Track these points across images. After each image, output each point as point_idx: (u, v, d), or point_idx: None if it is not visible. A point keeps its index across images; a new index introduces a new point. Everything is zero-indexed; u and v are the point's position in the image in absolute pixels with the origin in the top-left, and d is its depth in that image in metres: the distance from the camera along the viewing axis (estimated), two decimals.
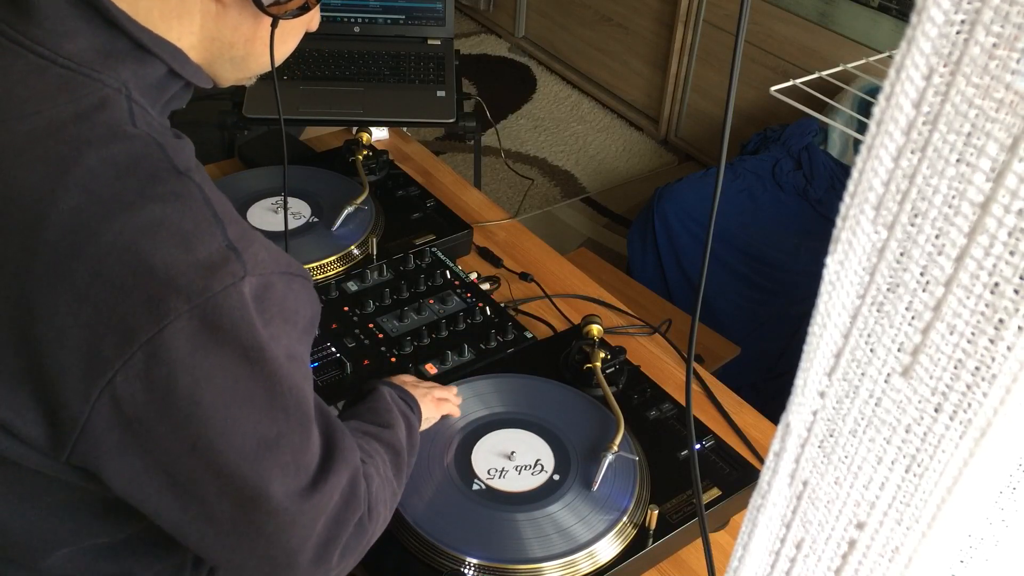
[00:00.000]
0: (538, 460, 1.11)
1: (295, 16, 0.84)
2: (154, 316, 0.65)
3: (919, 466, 0.35)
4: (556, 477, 1.09)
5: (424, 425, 1.07)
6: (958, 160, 0.31)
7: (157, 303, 0.65)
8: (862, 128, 2.22)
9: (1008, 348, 0.31)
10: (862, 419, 0.36)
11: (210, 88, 0.86)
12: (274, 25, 0.83)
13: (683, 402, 1.23)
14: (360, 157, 1.63)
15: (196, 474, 0.69)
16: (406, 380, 1.12)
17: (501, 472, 1.09)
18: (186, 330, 0.66)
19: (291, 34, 0.87)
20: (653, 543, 1.04)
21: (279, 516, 0.71)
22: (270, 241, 0.75)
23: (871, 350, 0.35)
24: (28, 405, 0.67)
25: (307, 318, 0.77)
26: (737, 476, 1.13)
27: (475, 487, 1.07)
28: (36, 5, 0.70)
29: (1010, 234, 0.30)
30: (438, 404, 1.11)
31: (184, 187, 0.69)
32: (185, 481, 0.70)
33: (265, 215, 1.49)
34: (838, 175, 2.54)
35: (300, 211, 1.51)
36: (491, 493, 1.07)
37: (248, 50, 0.83)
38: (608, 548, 1.02)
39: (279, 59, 0.87)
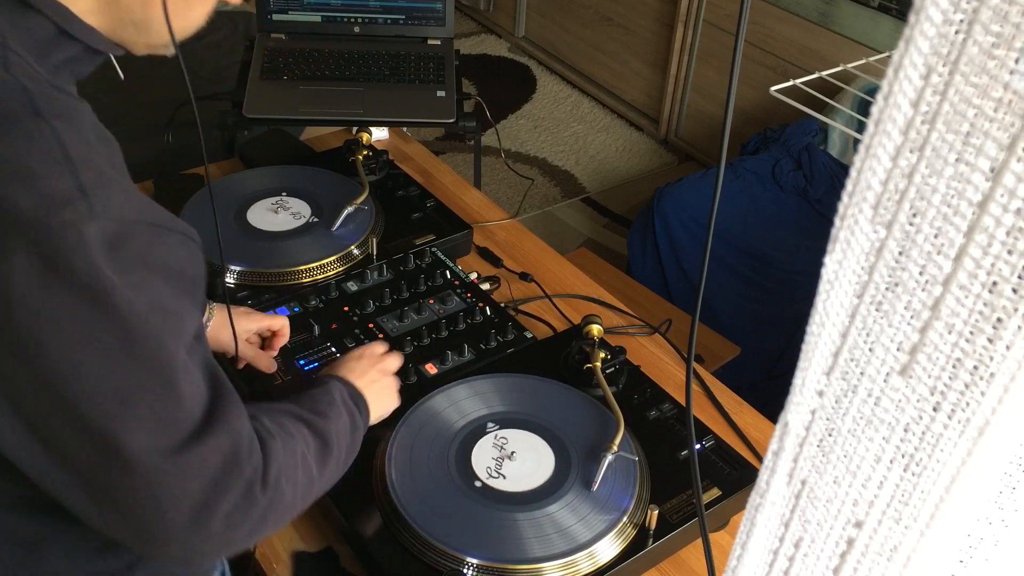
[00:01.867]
0: (538, 460, 1.11)
1: None
2: None
3: (917, 465, 0.35)
4: (556, 477, 1.09)
5: (375, 419, 1.05)
6: (956, 159, 0.31)
7: None
8: (862, 128, 2.21)
9: (1006, 347, 0.31)
10: (860, 418, 0.36)
11: (122, 55, 0.85)
12: None
13: (683, 402, 1.23)
14: (360, 157, 1.63)
15: (52, 418, 0.69)
16: (352, 365, 1.07)
17: (501, 472, 1.09)
18: (25, 266, 0.66)
19: (197, 1, 0.85)
20: (653, 543, 1.04)
21: (139, 471, 0.70)
22: (147, 197, 0.76)
23: (869, 349, 0.35)
24: None
25: (188, 276, 0.76)
26: (737, 476, 1.13)
27: (476, 486, 1.07)
28: None
29: (1008, 233, 0.30)
30: (388, 392, 1.09)
31: (37, 129, 0.71)
32: (44, 426, 0.70)
33: (265, 215, 1.49)
34: (838, 175, 2.54)
35: (300, 211, 1.51)
36: (491, 493, 1.07)
37: (147, 14, 0.81)
38: (608, 548, 1.02)
39: (187, 28, 0.85)
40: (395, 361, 1.11)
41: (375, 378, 1.06)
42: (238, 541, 0.78)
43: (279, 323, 1.24)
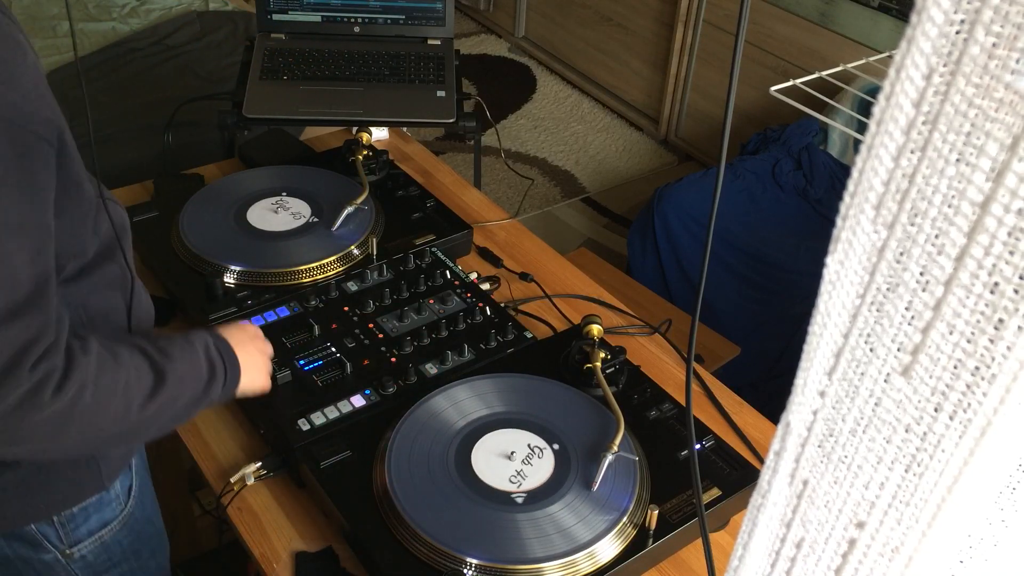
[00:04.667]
0: (538, 460, 1.11)
1: None
2: None
3: (919, 466, 0.35)
4: (556, 477, 1.09)
5: (247, 388, 1.08)
6: (958, 160, 0.31)
7: None
8: (862, 128, 2.22)
9: (1008, 348, 0.31)
10: (862, 419, 0.36)
11: None
12: None
13: (683, 402, 1.23)
14: (360, 157, 1.63)
15: None
16: (237, 333, 1.09)
17: (501, 472, 1.09)
18: None
19: None
20: (653, 543, 1.04)
21: None
22: (15, 91, 0.78)
23: (871, 350, 0.35)
24: None
25: (22, 167, 0.80)
26: (737, 476, 1.13)
27: (476, 487, 1.07)
28: None
29: (1010, 234, 0.30)
30: (261, 369, 1.11)
31: None
32: None
33: (265, 215, 1.49)
34: (838, 175, 2.54)
35: (300, 211, 1.51)
36: (491, 493, 1.07)
37: None
38: (608, 548, 1.02)
39: None
40: (270, 347, 1.15)
41: (252, 351, 1.09)
42: (23, 439, 0.83)
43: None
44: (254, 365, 1.09)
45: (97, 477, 1.03)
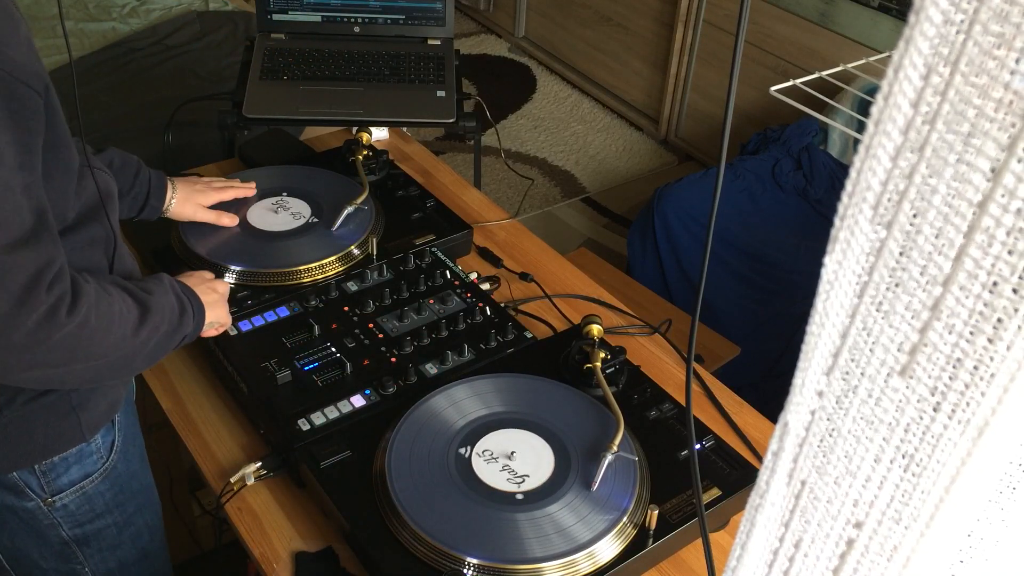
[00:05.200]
0: (538, 460, 1.11)
1: None
2: None
3: (917, 465, 0.35)
4: (556, 477, 1.09)
5: (213, 323, 1.17)
6: (956, 160, 0.31)
7: None
8: (862, 128, 2.21)
9: (1006, 347, 0.31)
10: (860, 418, 0.36)
11: None
12: None
13: (683, 402, 1.23)
14: (360, 157, 1.63)
15: None
16: (190, 279, 1.18)
17: (501, 472, 1.09)
18: None
19: None
20: (653, 543, 1.04)
21: None
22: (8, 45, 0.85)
23: (869, 349, 0.35)
24: None
25: (16, 117, 0.87)
26: (737, 476, 1.13)
27: (476, 487, 1.07)
28: None
29: (1008, 233, 0.30)
30: (219, 304, 1.19)
31: None
32: None
33: (265, 215, 1.49)
34: (838, 175, 2.54)
35: (300, 211, 1.51)
36: (491, 493, 1.07)
37: None
38: (608, 548, 1.02)
39: None
40: (223, 284, 1.23)
41: (207, 291, 1.17)
42: (39, 363, 0.89)
43: (231, 194, 1.46)
44: (213, 303, 1.17)
45: (76, 428, 1.08)
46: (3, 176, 0.84)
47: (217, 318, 1.18)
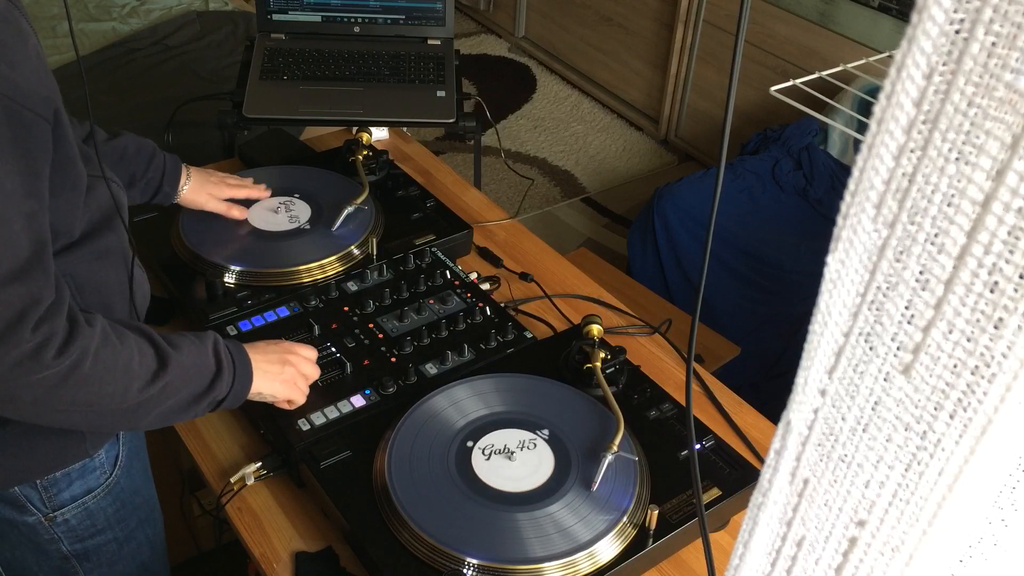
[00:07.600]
0: (538, 460, 1.11)
1: None
2: None
3: (919, 464, 0.35)
4: (556, 477, 1.09)
5: (261, 392, 1.09)
6: (958, 158, 0.31)
7: None
8: (862, 128, 2.22)
9: (1008, 347, 0.31)
10: (862, 417, 0.36)
11: None
12: None
13: (683, 402, 1.23)
14: (360, 157, 1.63)
15: None
16: (264, 344, 1.12)
17: (501, 472, 1.09)
18: None
19: None
20: (653, 543, 1.04)
21: None
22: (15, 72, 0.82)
23: (871, 348, 0.35)
24: None
25: (20, 145, 0.84)
26: (737, 476, 1.13)
27: (476, 487, 1.07)
28: None
29: (1010, 232, 0.30)
30: (288, 385, 1.12)
31: None
32: None
33: (265, 215, 1.49)
34: (838, 175, 2.54)
35: (300, 211, 1.51)
36: (491, 493, 1.07)
37: None
38: (608, 548, 1.02)
39: None
40: (310, 367, 1.16)
41: (274, 360, 1.10)
42: (22, 399, 0.85)
43: (244, 193, 1.46)
44: (272, 375, 1.09)
45: (80, 445, 1.06)
46: (1, 207, 0.82)
47: (273, 392, 1.10)
